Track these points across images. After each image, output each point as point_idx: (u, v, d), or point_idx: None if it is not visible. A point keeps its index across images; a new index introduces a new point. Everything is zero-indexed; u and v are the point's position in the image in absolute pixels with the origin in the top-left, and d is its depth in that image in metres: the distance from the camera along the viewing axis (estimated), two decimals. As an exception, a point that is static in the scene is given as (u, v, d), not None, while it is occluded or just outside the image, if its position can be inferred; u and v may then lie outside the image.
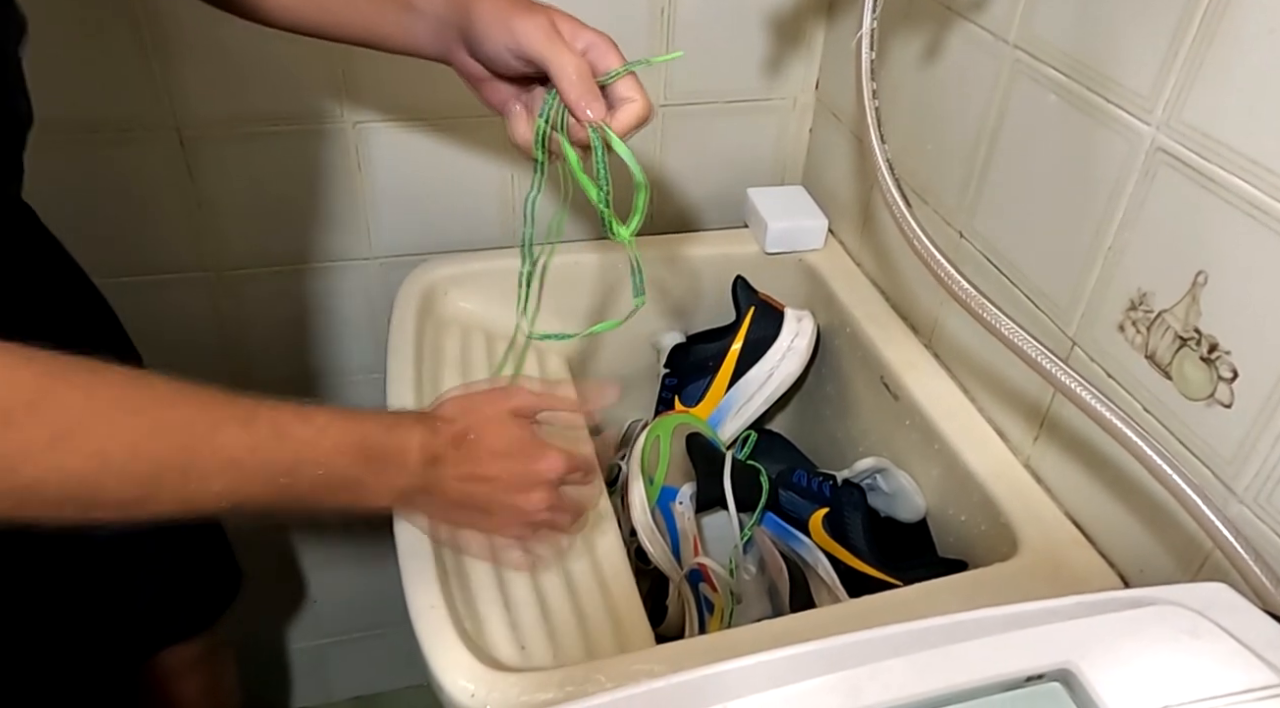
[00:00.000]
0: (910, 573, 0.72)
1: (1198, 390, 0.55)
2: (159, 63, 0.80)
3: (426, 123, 0.89)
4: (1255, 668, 0.38)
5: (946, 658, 0.39)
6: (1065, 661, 0.38)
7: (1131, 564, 0.62)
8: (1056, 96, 0.64)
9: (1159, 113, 0.55)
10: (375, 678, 1.32)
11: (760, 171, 1.01)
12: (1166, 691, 0.37)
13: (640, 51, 0.89)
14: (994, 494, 0.69)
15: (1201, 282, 0.54)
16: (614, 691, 0.39)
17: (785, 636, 0.58)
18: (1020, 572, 0.64)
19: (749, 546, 0.83)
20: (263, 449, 0.49)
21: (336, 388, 1.04)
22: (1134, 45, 0.57)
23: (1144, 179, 0.57)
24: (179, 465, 0.46)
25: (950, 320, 0.80)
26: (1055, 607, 0.42)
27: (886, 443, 0.83)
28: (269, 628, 1.24)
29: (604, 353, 0.96)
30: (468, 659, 0.55)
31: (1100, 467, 0.64)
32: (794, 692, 0.38)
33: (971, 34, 0.72)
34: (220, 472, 0.47)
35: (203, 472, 0.46)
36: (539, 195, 0.66)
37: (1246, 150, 0.50)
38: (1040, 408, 0.69)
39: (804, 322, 0.90)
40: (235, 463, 0.47)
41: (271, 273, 0.93)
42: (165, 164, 0.84)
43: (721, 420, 0.90)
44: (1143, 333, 0.58)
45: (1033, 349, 0.55)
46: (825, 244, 0.97)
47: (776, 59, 0.95)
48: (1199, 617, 0.40)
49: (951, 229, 0.77)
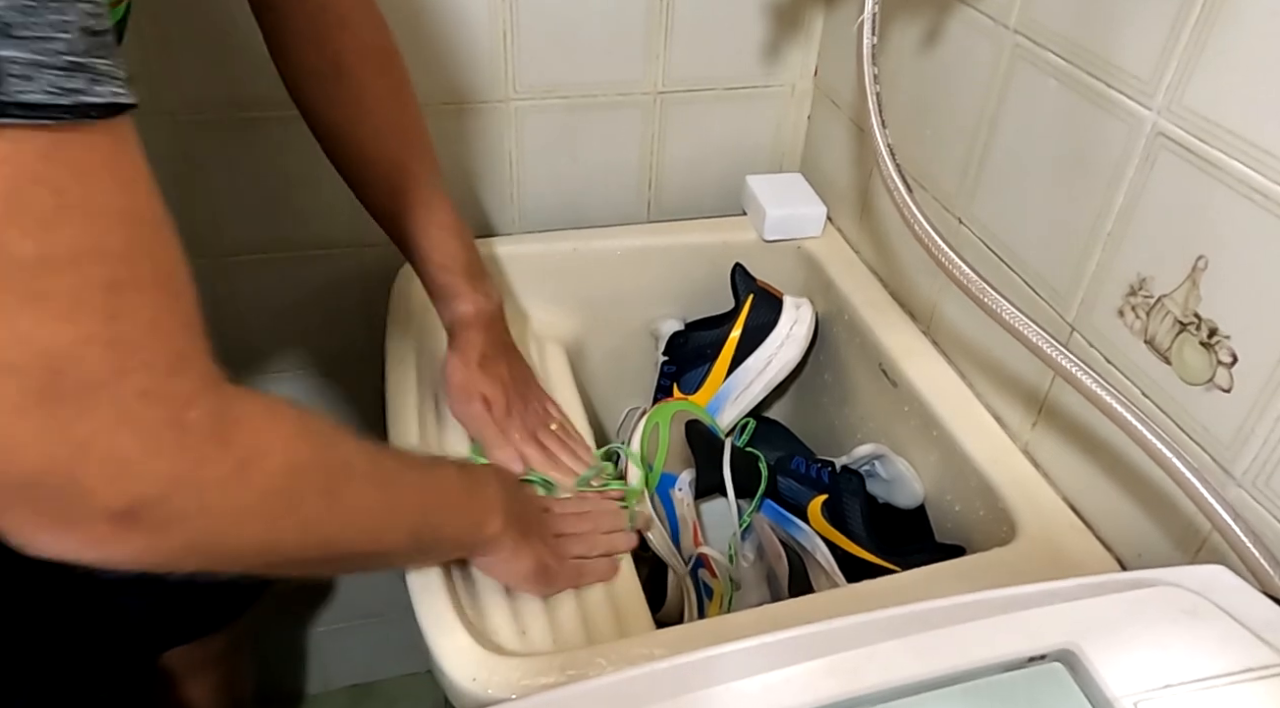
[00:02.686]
0: (909, 559, 0.72)
1: (1197, 375, 0.55)
2: (154, 47, 0.79)
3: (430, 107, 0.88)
4: (1255, 648, 0.38)
5: (947, 639, 0.39)
6: (1067, 641, 0.39)
7: (1129, 549, 0.62)
8: (1057, 81, 0.64)
9: (1160, 97, 0.55)
10: (373, 666, 1.32)
11: (759, 159, 1.01)
12: (1167, 670, 0.37)
13: (639, 48, 0.89)
14: (992, 480, 0.69)
15: (1202, 266, 0.54)
16: (615, 673, 0.39)
17: (784, 620, 0.58)
18: (1018, 557, 0.64)
19: (748, 532, 0.83)
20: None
21: (333, 374, 1.03)
22: (1135, 29, 0.56)
23: (1144, 164, 0.57)
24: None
25: (948, 307, 0.80)
26: (1056, 589, 0.42)
27: (885, 430, 0.83)
28: (268, 616, 1.24)
29: (602, 340, 0.96)
30: (469, 644, 0.55)
31: (1098, 452, 0.64)
32: (793, 673, 0.38)
33: (971, 19, 0.72)
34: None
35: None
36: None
37: (1248, 134, 0.50)
38: (1038, 394, 0.69)
39: (802, 309, 0.90)
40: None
41: (266, 259, 0.93)
42: (161, 149, 0.84)
43: (720, 408, 0.90)
44: (1142, 318, 0.59)
45: (1033, 334, 0.55)
46: (824, 231, 0.97)
47: (775, 45, 0.94)
48: (1199, 598, 0.41)
49: (950, 215, 0.77)
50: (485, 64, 0.87)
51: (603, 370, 0.98)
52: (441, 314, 0.74)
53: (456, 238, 0.73)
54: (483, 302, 0.73)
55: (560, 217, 0.97)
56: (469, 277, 0.73)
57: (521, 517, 0.61)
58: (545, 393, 0.78)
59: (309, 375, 1.03)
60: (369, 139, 0.70)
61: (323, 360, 1.02)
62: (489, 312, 0.74)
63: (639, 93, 0.93)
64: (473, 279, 0.73)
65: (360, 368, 1.03)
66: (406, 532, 0.53)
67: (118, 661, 0.76)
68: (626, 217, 1.00)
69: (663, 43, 0.91)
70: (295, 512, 0.43)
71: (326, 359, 1.02)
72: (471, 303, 0.72)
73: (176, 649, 0.82)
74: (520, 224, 0.98)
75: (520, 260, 0.92)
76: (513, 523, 0.59)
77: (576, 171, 0.96)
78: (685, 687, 0.38)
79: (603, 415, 1.00)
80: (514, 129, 0.92)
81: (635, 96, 0.93)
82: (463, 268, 0.73)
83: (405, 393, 0.76)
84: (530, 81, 0.89)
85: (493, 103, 0.89)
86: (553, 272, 0.92)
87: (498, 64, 0.87)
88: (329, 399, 1.05)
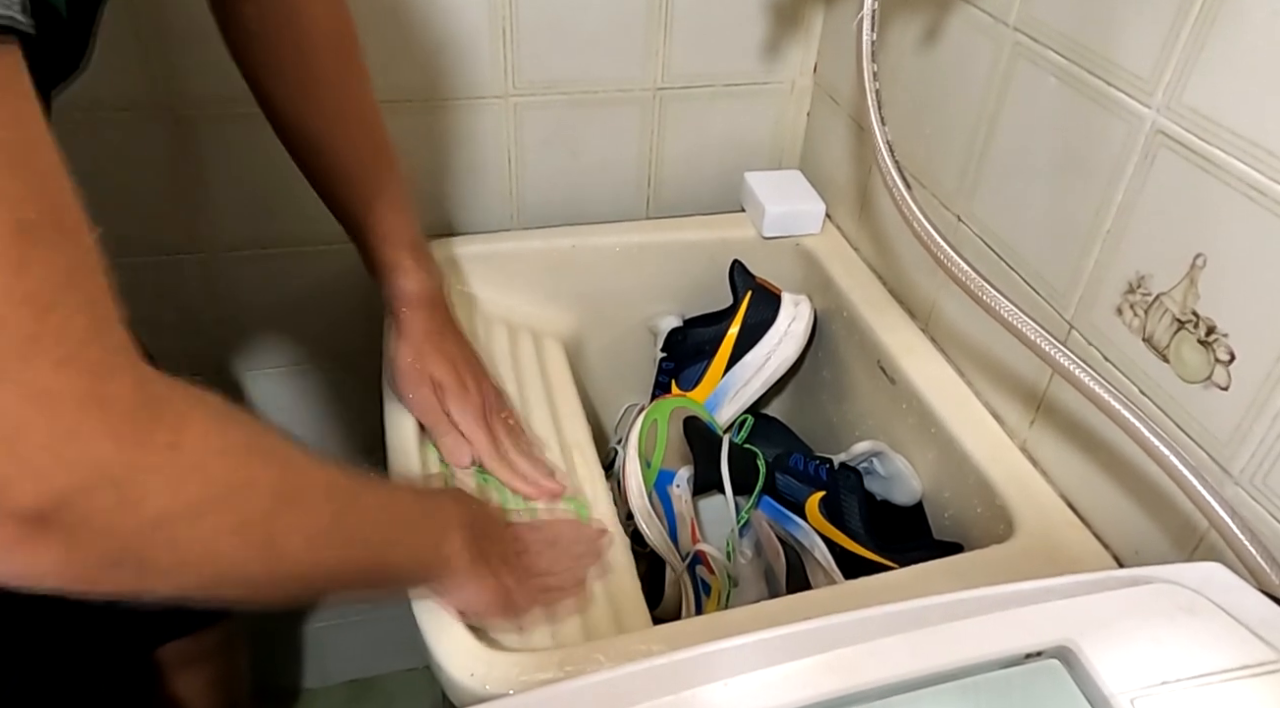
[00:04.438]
0: (906, 556, 0.72)
1: (1195, 373, 0.55)
2: (153, 41, 0.79)
3: (429, 103, 0.89)
4: (1252, 645, 0.38)
5: (945, 636, 0.39)
6: (1064, 638, 0.39)
7: (1126, 547, 0.63)
8: (1056, 79, 0.64)
9: (1159, 96, 0.55)
10: (372, 661, 1.32)
11: (757, 155, 1.01)
12: (1165, 667, 0.37)
13: (639, 44, 0.89)
14: (990, 477, 0.69)
15: (1200, 264, 0.54)
16: (613, 669, 0.39)
17: (782, 616, 0.58)
18: (1016, 554, 0.64)
19: (746, 529, 0.83)
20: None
21: (327, 371, 1.03)
22: (1135, 28, 0.56)
23: (1143, 162, 0.57)
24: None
25: (947, 304, 0.80)
26: (1053, 585, 0.42)
27: (883, 427, 0.84)
28: (265, 611, 1.24)
29: (601, 337, 0.96)
30: (468, 640, 0.55)
31: (1096, 450, 0.64)
32: (792, 669, 0.38)
33: (971, 17, 0.72)
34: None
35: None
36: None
37: (1247, 133, 0.50)
38: (1037, 391, 0.69)
39: (801, 306, 0.90)
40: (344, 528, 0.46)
41: (264, 255, 0.93)
42: (160, 144, 0.84)
43: (718, 404, 0.90)
44: (1140, 316, 0.59)
45: (1032, 331, 0.55)
46: (822, 228, 0.97)
47: (774, 42, 0.94)
48: (1196, 595, 0.41)
49: (950, 213, 0.77)
50: (485, 60, 0.87)
51: (601, 367, 0.98)
52: (384, 290, 0.71)
53: (401, 213, 0.71)
54: (427, 279, 0.71)
55: (559, 213, 0.97)
56: (414, 251, 0.71)
57: (481, 538, 0.57)
58: (493, 379, 0.75)
59: (306, 371, 1.02)
60: (319, 117, 0.67)
61: (320, 356, 1.02)
62: (434, 289, 0.72)
63: (638, 89, 0.93)
64: (418, 255, 0.71)
65: (358, 364, 1.03)
66: (358, 550, 0.47)
67: (112, 654, 0.76)
68: (625, 213, 1.00)
69: (662, 39, 0.90)
70: (231, 514, 0.37)
71: (324, 355, 1.02)
72: (416, 280, 0.70)
73: (171, 643, 0.82)
74: (519, 220, 0.97)
75: (519, 256, 0.92)
76: (470, 544, 0.55)
77: (576, 168, 0.96)
78: (683, 683, 0.38)
79: (601, 412, 1.00)
80: (513, 125, 0.92)
81: (635, 93, 0.93)
82: (408, 243, 0.70)
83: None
84: (530, 77, 0.89)
85: (492, 98, 0.89)
86: (551, 268, 0.92)
87: (497, 60, 0.87)
88: (326, 395, 1.05)
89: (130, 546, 0.33)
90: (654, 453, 0.80)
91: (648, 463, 0.79)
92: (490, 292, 0.89)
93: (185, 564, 0.36)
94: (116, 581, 0.34)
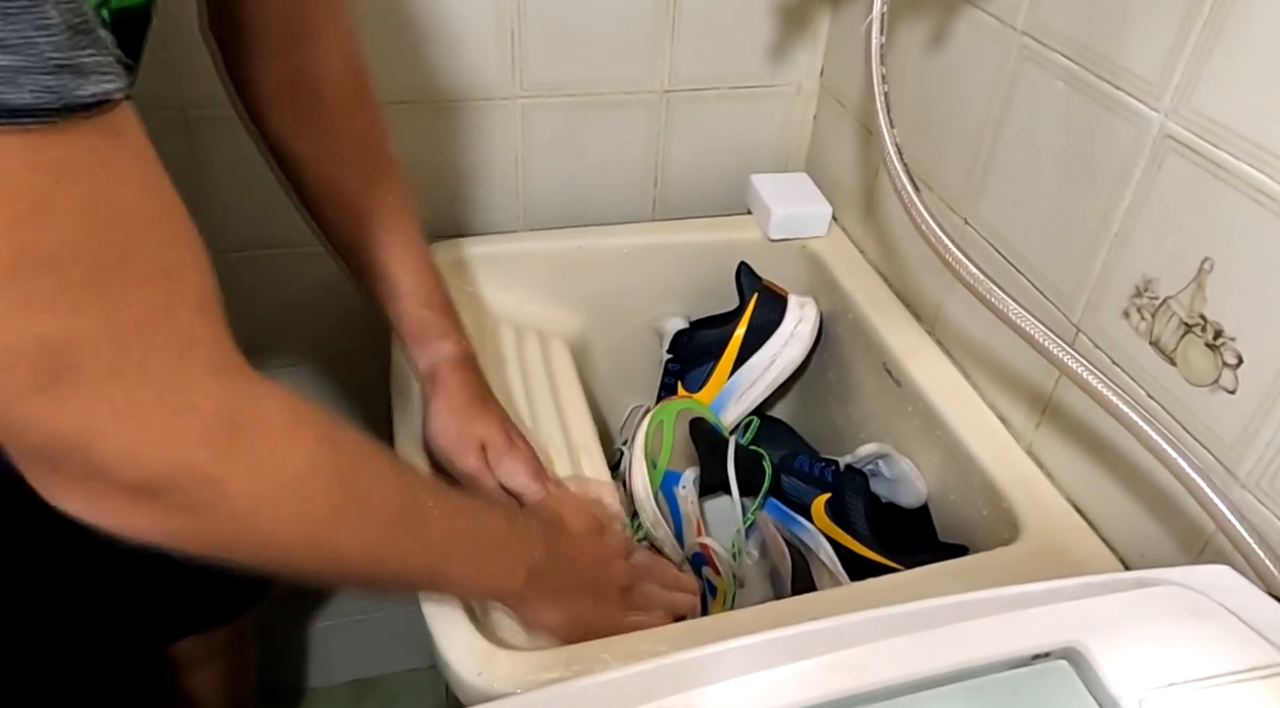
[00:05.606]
0: (912, 558, 0.72)
1: (1202, 376, 0.55)
2: (164, 41, 0.79)
3: (436, 104, 0.89)
4: (1259, 647, 0.38)
5: (952, 637, 0.39)
6: (1071, 639, 0.39)
7: (1133, 549, 0.63)
8: (1064, 83, 0.64)
9: (1167, 99, 0.55)
10: (376, 661, 1.32)
11: (764, 158, 1.01)
12: (1172, 668, 0.37)
13: (646, 46, 0.89)
14: (995, 480, 0.69)
15: (1208, 268, 0.54)
16: (619, 669, 0.39)
17: (788, 617, 0.58)
18: (1021, 557, 0.64)
19: (751, 530, 0.83)
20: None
21: (328, 372, 1.04)
22: (1143, 31, 0.56)
23: (1151, 166, 0.57)
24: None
25: (953, 307, 0.80)
26: (1060, 587, 0.42)
27: (889, 429, 0.84)
28: (270, 611, 1.24)
29: (607, 338, 0.96)
30: (475, 639, 0.55)
31: (1102, 452, 0.64)
32: (799, 669, 0.39)
33: (978, 20, 0.72)
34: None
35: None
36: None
37: (1255, 137, 0.50)
38: (1043, 394, 0.69)
39: (807, 308, 0.90)
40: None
41: (274, 255, 0.93)
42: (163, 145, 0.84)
43: (724, 406, 0.90)
44: (1148, 319, 0.59)
45: (1039, 334, 0.55)
46: (828, 231, 0.97)
47: (781, 45, 0.95)
48: (1203, 598, 0.41)
49: (956, 216, 0.77)
50: (492, 61, 0.87)
51: (607, 368, 0.98)
52: (419, 355, 0.69)
53: (433, 274, 0.69)
54: (466, 342, 0.70)
55: (565, 214, 0.98)
56: (449, 314, 0.69)
57: (561, 567, 0.58)
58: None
59: (308, 372, 1.03)
60: (334, 161, 0.66)
61: (329, 356, 1.03)
62: (471, 349, 0.70)
63: (645, 91, 0.93)
64: (453, 317, 0.70)
65: (367, 363, 1.03)
66: (417, 556, 0.51)
67: (124, 651, 0.76)
68: (632, 214, 1.00)
69: (669, 41, 0.91)
70: (309, 518, 0.43)
71: (333, 355, 1.03)
72: (457, 343, 0.69)
73: (182, 641, 0.82)
74: (525, 221, 0.98)
75: (525, 258, 0.92)
76: (546, 572, 0.56)
77: (582, 169, 0.96)
78: (689, 683, 0.38)
79: (607, 413, 1.00)
80: (520, 126, 0.92)
81: (641, 95, 0.93)
82: (442, 305, 0.69)
83: (410, 388, 0.76)
84: (537, 79, 0.89)
85: (499, 100, 0.90)
86: (558, 269, 0.93)
87: (505, 62, 0.88)
88: (328, 396, 1.05)
89: (216, 528, 0.40)
90: (660, 454, 0.80)
91: (654, 464, 0.79)
92: (496, 292, 0.89)
93: (263, 544, 0.43)
94: (207, 551, 0.41)
